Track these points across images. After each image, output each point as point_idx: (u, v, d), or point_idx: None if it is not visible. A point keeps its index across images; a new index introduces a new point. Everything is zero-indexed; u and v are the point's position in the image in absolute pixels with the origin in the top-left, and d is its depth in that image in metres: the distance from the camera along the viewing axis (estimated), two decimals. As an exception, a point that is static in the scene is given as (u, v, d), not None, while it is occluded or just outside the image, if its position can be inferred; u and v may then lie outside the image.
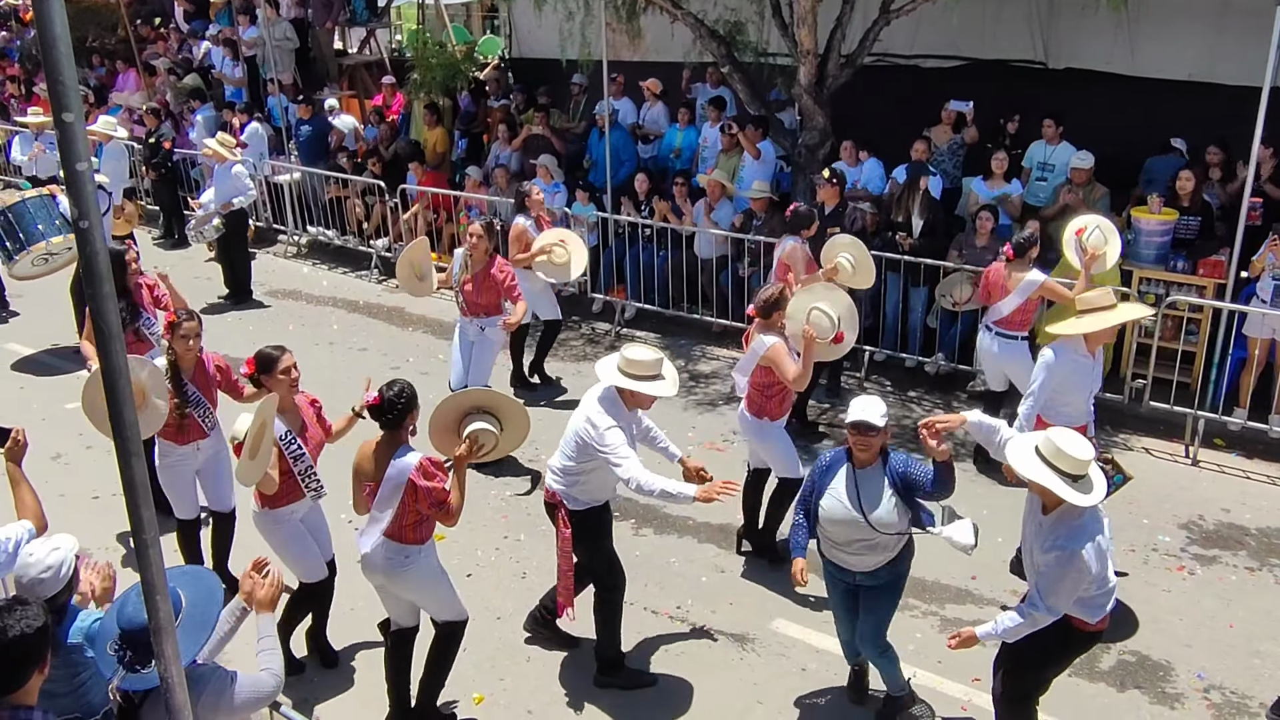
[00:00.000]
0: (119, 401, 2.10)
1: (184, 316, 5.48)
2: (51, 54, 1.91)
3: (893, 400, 8.37)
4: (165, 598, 2.31)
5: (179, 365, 5.50)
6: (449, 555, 5.29)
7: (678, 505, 6.05)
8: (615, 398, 4.95)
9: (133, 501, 2.18)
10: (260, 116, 12.97)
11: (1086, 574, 3.91)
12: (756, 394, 5.90)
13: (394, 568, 4.58)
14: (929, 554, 6.19)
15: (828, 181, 8.19)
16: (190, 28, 15.54)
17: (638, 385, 4.86)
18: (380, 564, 4.58)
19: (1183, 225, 8.06)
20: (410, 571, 4.61)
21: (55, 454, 7.67)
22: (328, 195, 12.15)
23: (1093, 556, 3.90)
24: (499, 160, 11.28)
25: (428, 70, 12.43)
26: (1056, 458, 3.88)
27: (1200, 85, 8.85)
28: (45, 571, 3.42)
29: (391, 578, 4.63)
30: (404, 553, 4.56)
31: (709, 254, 9.66)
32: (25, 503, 4.16)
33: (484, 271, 7.28)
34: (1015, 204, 8.78)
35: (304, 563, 5.14)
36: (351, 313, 10.63)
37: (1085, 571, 3.90)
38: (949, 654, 5.37)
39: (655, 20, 10.45)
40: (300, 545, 5.10)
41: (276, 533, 5.06)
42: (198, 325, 5.54)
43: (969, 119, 9.59)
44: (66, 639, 3.43)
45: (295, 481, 4.94)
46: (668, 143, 10.94)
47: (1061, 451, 3.87)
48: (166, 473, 5.64)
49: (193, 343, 5.49)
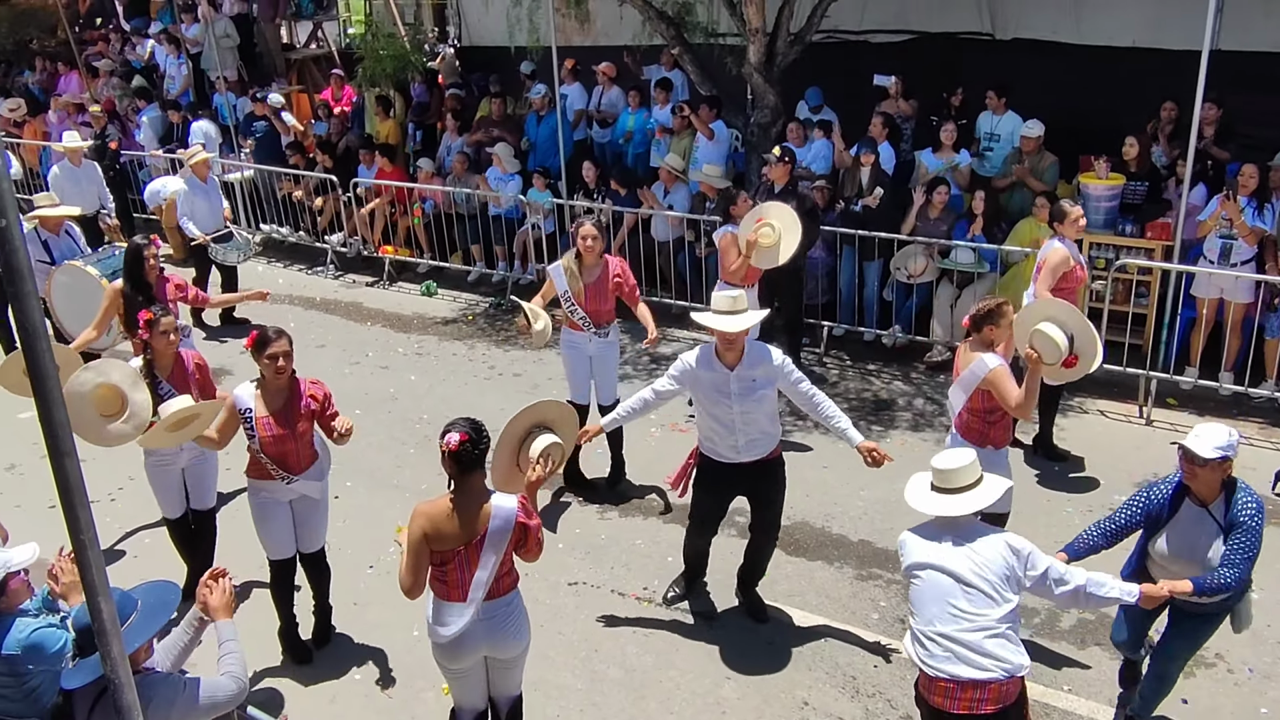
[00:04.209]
0: (49, 403, 2.07)
1: (160, 313, 5.37)
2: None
3: (852, 374, 8.44)
4: (108, 599, 2.28)
5: (155, 363, 5.39)
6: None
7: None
8: (711, 345, 5.09)
9: (68, 502, 2.16)
10: (207, 114, 12.78)
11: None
12: (977, 420, 5.20)
13: (500, 626, 4.03)
14: (891, 522, 6.28)
15: (779, 160, 8.19)
16: (132, 26, 15.26)
17: (704, 318, 5.04)
18: (484, 633, 4.00)
19: (1130, 190, 8.17)
20: (515, 617, 4.09)
21: (10, 464, 7.56)
22: (282, 192, 12.01)
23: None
24: (453, 149, 11.20)
25: (377, 62, 12.30)
26: None
27: (1145, 51, 8.95)
28: None
29: (499, 640, 4.07)
30: (505, 603, 4.05)
31: (665, 236, 9.67)
32: None
33: (602, 276, 6.53)
34: (964, 174, 8.86)
35: (265, 538, 5.22)
36: (308, 309, 10.54)
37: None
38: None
39: (604, 3, 10.40)
40: (263, 520, 5.16)
41: (251, 502, 5.17)
42: (175, 321, 5.48)
43: (893, 92, 9.64)
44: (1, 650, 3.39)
45: (259, 462, 5.01)
46: (620, 126, 10.91)
47: None
48: (151, 470, 5.62)
49: (172, 338, 5.41)
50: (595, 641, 5.45)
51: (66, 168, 10.32)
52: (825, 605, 5.66)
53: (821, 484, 6.82)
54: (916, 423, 7.62)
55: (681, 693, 5.09)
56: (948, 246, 8.29)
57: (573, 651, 5.37)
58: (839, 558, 6.07)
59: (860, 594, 5.75)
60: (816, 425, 7.44)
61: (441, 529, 3.85)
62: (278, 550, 5.25)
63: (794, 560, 6.07)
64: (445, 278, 11.04)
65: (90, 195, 10.40)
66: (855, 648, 5.31)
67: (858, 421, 7.59)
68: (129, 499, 6.88)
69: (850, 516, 6.45)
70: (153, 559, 6.24)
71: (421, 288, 10.90)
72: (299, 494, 5.14)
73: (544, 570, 5.63)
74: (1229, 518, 4.08)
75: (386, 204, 11.15)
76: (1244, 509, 4.06)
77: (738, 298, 5.00)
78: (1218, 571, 4.03)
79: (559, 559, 6.05)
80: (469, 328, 9.87)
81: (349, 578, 5.74)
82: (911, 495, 3.98)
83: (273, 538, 5.21)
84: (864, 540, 6.22)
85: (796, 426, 7.42)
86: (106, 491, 6.93)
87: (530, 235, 10.23)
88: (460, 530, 3.86)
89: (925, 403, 7.92)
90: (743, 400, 4.99)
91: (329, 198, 11.52)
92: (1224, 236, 7.46)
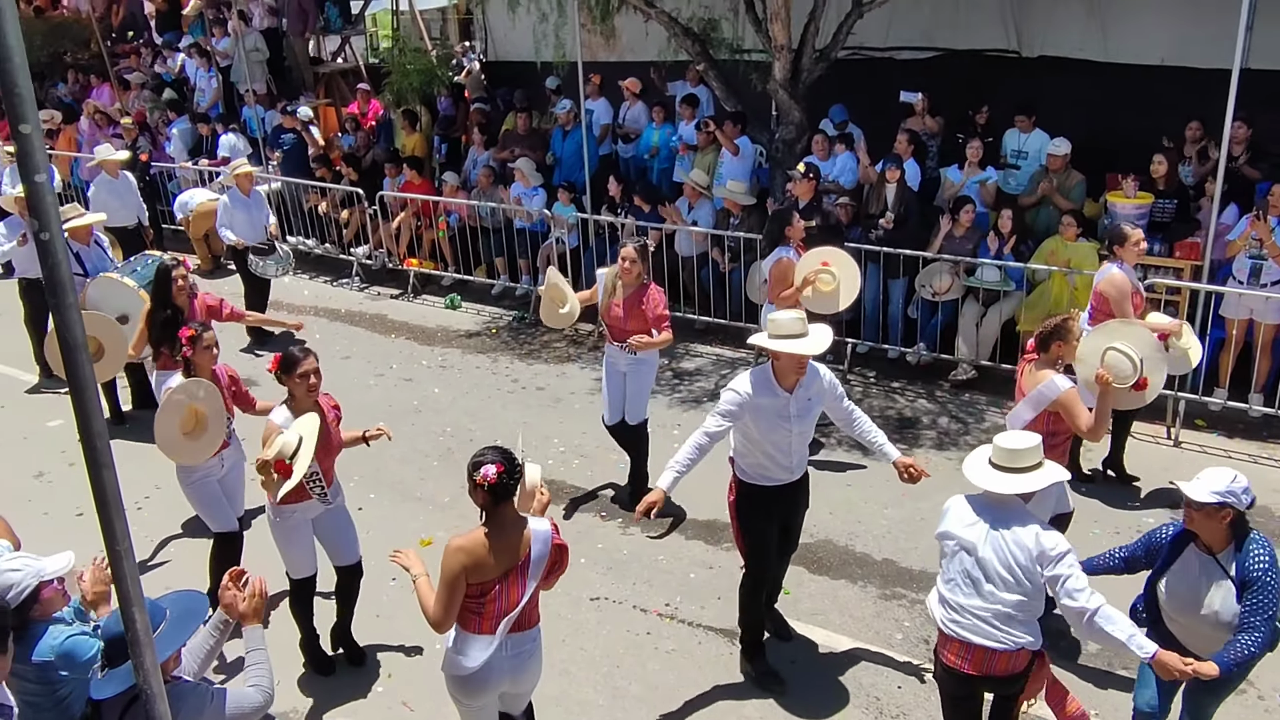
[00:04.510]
0: (87, 413, 2.09)
1: (202, 328, 5.43)
2: (6, 67, 1.90)
3: (876, 391, 8.41)
4: (143, 610, 2.30)
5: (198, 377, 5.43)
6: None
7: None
8: (766, 369, 4.80)
9: (104, 512, 2.18)
10: (236, 127, 12.92)
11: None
12: None
13: (525, 661, 3.98)
14: (915, 541, 6.25)
15: (803, 176, 8.20)
16: (164, 39, 15.47)
17: (775, 344, 4.65)
18: (509, 668, 3.93)
19: (1158, 208, 8.12)
20: (539, 652, 4.06)
21: (38, 472, 7.63)
22: (308, 204, 12.11)
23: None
24: (478, 163, 11.27)
25: (404, 76, 12.41)
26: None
27: (1173, 69, 8.91)
28: None
29: (521, 675, 4.02)
30: (530, 637, 3.99)
31: (689, 251, 9.68)
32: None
33: (635, 296, 6.50)
34: (990, 191, 8.83)
35: (290, 558, 5.19)
36: (333, 321, 10.60)
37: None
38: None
39: (630, 20, 10.46)
40: (290, 542, 5.14)
41: (278, 527, 5.11)
42: (215, 335, 5.54)
43: (918, 109, 9.62)
44: (31, 657, 3.43)
45: (300, 485, 4.94)
46: (645, 141, 10.95)
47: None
48: (196, 489, 5.58)
49: (215, 352, 5.48)
50: (617, 657, 5.43)
51: (105, 180, 10.40)
52: (849, 624, 5.62)
53: (845, 502, 6.78)
54: (941, 441, 7.58)
55: (703, 711, 5.06)
56: (973, 264, 8.26)
57: (594, 667, 5.36)
58: (862, 576, 6.03)
59: (884, 613, 5.71)
60: (840, 442, 7.44)
61: (482, 561, 3.76)
62: (307, 568, 5.24)
63: (817, 579, 6.03)
64: (469, 291, 11.10)
65: (131, 207, 10.54)
66: (879, 667, 5.27)
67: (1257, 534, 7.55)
68: (155, 507, 6.93)
69: (874, 535, 6.41)
70: (177, 567, 6.31)
71: (445, 301, 10.95)
72: (325, 509, 5.16)
73: (565, 585, 5.59)
74: (1240, 573, 3.77)
75: (412, 217, 11.23)
76: (1256, 563, 3.74)
77: (802, 317, 4.73)
78: (1238, 641, 3.72)
79: (581, 574, 6.04)
80: (492, 341, 9.91)
81: (371, 590, 5.75)
82: (969, 466, 4.03)
83: (305, 557, 5.20)
84: (888, 559, 6.18)
85: (820, 444, 7.39)
86: (133, 500, 6.98)
87: (554, 249, 10.26)
88: (501, 559, 3.79)
89: (950, 421, 7.87)
90: (801, 421, 4.84)
91: (355, 210, 11.61)
92: (1254, 257, 7.39)
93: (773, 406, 4.75)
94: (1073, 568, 3.77)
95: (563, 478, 7.21)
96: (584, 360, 9.29)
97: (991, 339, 8.29)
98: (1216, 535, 3.83)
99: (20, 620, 3.48)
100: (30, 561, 3.55)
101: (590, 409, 8.26)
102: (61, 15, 16.97)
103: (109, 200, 10.20)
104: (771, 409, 4.75)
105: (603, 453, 7.52)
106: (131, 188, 10.67)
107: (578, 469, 7.37)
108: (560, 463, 7.43)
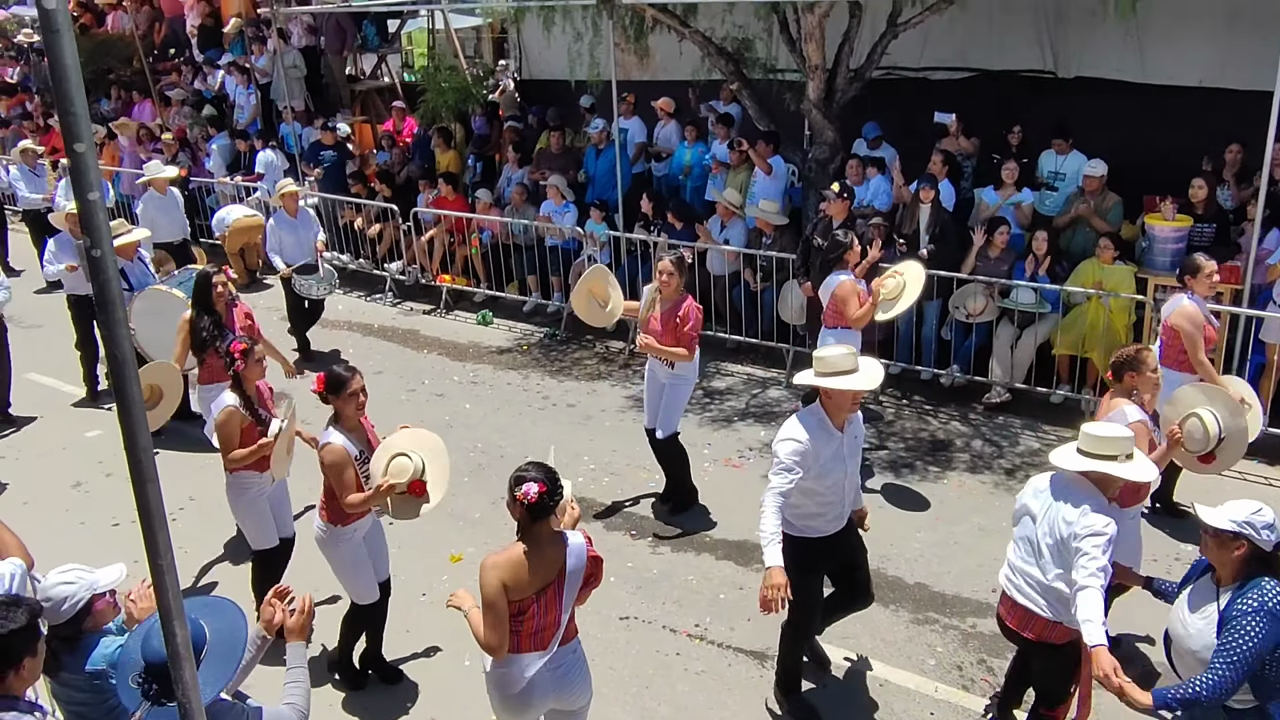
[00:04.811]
0: (134, 429, 2.11)
1: (252, 341, 5.47)
2: (63, 86, 1.93)
3: (908, 413, 8.35)
4: (183, 624, 2.31)
5: (249, 391, 5.45)
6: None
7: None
8: (815, 410, 4.57)
9: (148, 527, 2.19)
10: (274, 144, 13.10)
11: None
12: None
13: (567, 674, 3.94)
14: (948, 566, 6.18)
15: (838, 196, 8.18)
16: (205, 57, 15.74)
17: (829, 381, 4.46)
18: (551, 683, 3.89)
19: (1196, 232, 8.02)
20: (580, 665, 4.01)
21: (75, 482, 7.72)
22: (343, 219, 12.24)
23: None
24: (512, 181, 11.35)
25: (439, 94, 12.54)
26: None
27: (1212, 91, 8.83)
28: (46, 601, 3.52)
29: (566, 690, 3.96)
30: (569, 650, 3.96)
31: (721, 270, 9.68)
32: (5, 542, 4.21)
33: (672, 309, 6.53)
34: (1026, 212, 8.77)
35: (358, 583, 5.13)
36: (366, 336, 10.69)
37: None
38: (970, 666, 5.36)
39: (664, 39, 10.52)
40: (358, 565, 5.10)
41: (338, 551, 5.03)
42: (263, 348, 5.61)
43: (952, 130, 9.58)
44: (85, 667, 3.47)
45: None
46: (678, 160, 10.99)
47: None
48: (249, 505, 5.57)
49: (264, 365, 5.54)
50: (646, 678, 5.41)
51: (154, 197, 10.53)
52: (880, 649, 5.57)
53: (877, 524, 6.65)
54: (974, 464, 7.51)
55: (733, 733, 5.03)
56: (1008, 286, 8.20)
57: (623, 687, 5.34)
58: (894, 600, 5.97)
59: (916, 638, 5.65)
60: (870, 465, 7.39)
61: (519, 577, 3.73)
62: (373, 591, 5.19)
63: (848, 601, 5.98)
64: (501, 307, 11.16)
65: (178, 223, 10.70)
66: (911, 693, 5.21)
67: (914, 461, 7.54)
68: (189, 519, 6.99)
69: (906, 559, 6.35)
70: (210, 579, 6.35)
71: (477, 317, 11.01)
72: (373, 522, 5.17)
73: (595, 604, 5.59)
74: (1226, 609, 3.56)
75: (445, 233, 11.31)
76: (1245, 603, 3.48)
77: (853, 351, 4.57)
78: (1193, 679, 3.52)
79: (610, 592, 6.02)
80: (523, 357, 9.95)
81: (402, 606, 5.76)
82: (1056, 452, 4.20)
83: (370, 578, 5.16)
84: (920, 583, 6.12)
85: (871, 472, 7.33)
86: (167, 512, 7.04)
87: (586, 267, 10.29)
88: (538, 575, 3.75)
89: (983, 444, 7.80)
90: (852, 460, 4.68)
91: (386, 225, 11.73)
92: (1295, 281, 7.29)
93: (831, 449, 4.54)
94: (1097, 549, 3.81)
95: (592, 495, 7.21)
96: (614, 378, 9.30)
97: (1026, 361, 8.21)
98: (1227, 567, 3.66)
99: (74, 631, 3.54)
100: (84, 574, 3.60)
101: (620, 426, 8.27)
102: (106, 33, 17.33)
103: (157, 216, 10.37)
104: (831, 453, 4.54)
105: (632, 470, 7.52)
106: (178, 204, 10.84)
107: (607, 486, 7.36)
108: (590, 480, 7.43)
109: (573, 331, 10.34)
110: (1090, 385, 7.97)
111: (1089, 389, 7.97)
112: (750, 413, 8.49)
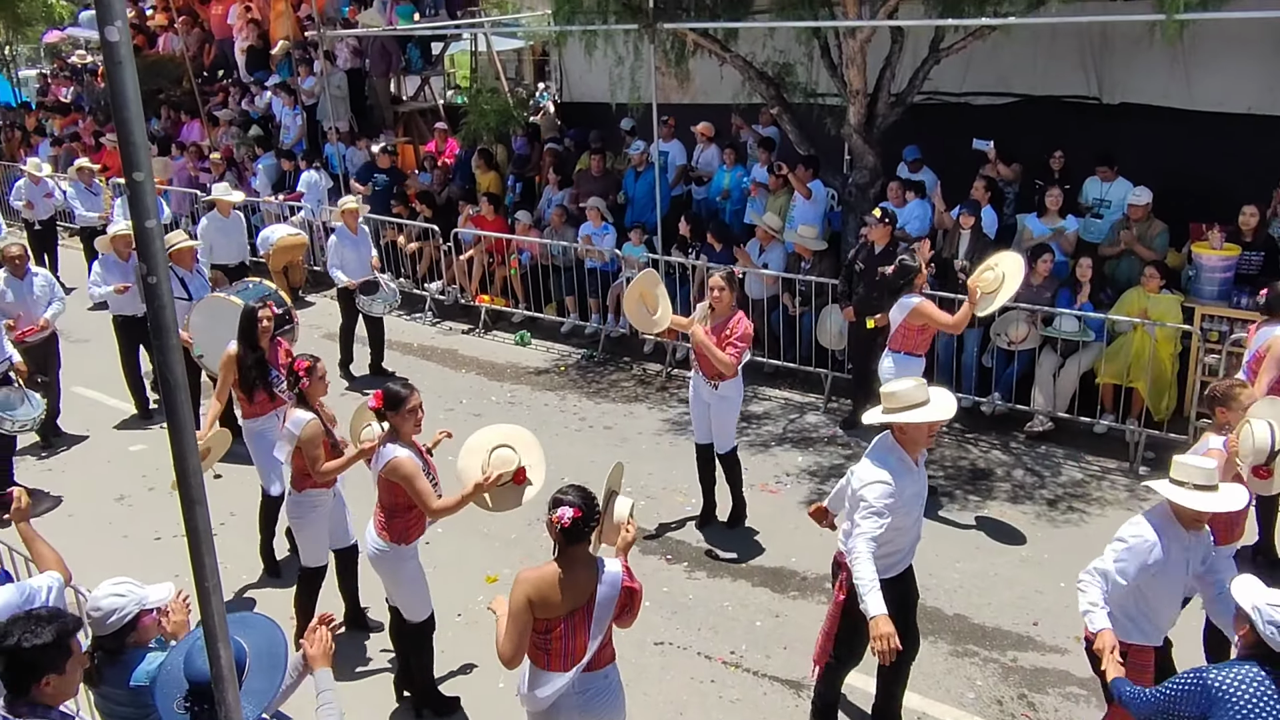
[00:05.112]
0: (184, 451, 2.14)
1: (314, 359, 5.50)
2: (123, 115, 1.97)
3: (948, 441, 8.25)
4: (227, 645, 2.33)
5: (317, 411, 5.47)
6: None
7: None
8: (891, 447, 4.42)
9: (195, 548, 2.22)
10: (319, 164, 13.30)
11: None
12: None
13: (594, 700, 3.93)
14: (988, 597, 6.09)
15: (879, 221, 8.14)
16: (253, 78, 16.03)
17: (904, 416, 4.34)
18: (578, 708, 3.89)
19: (1245, 261, 7.89)
20: (612, 692, 3.99)
21: (119, 495, 7.84)
22: (385, 239, 12.38)
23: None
24: (552, 202, 11.43)
25: (480, 116, 12.67)
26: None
27: (1260, 118, 8.70)
28: (95, 611, 3.57)
29: (592, 713, 3.94)
30: (601, 676, 3.94)
31: (759, 294, 9.67)
32: (44, 556, 4.26)
33: (723, 324, 6.51)
34: (1070, 240, 8.67)
35: (417, 600, 5.14)
36: (405, 354, 10.77)
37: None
38: (1010, 701, 5.26)
39: (704, 63, 10.56)
40: (418, 583, 5.11)
41: (403, 568, 5.02)
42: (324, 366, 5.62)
43: (990, 157, 9.49)
44: (129, 682, 3.51)
45: (423, 516, 4.98)
46: (717, 184, 11.01)
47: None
48: (313, 523, 5.57)
49: (328, 382, 5.58)
50: (680, 704, 5.37)
51: (216, 219, 10.59)
52: (918, 681, 5.47)
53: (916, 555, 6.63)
54: (1015, 494, 7.40)
55: (768, 763, 4.98)
56: (1051, 314, 8.10)
57: (657, 713, 5.30)
58: (933, 632, 5.88)
59: (955, 671, 5.57)
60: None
61: (548, 596, 3.74)
62: (427, 606, 5.19)
63: (886, 631, 5.91)
64: (539, 328, 11.21)
65: (237, 246, 10.74)
66: (950, 727, 5.14)
67: (953, 490, 7.45)
68: (228, 534, 7.06)
69: (945, 590, 6.27)
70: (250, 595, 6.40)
71: (515, 337, 11.07)
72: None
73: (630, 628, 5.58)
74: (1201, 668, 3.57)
75: (484, 254, 11.40)
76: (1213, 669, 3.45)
77: (922, 383, 4.45)
78: (1141, 690, 3.71)
79: (645, 617, 5.95)
80: (561, 379, 9.97)
81: (438, 626, 5.76)
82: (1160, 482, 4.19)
83: (427, 594, 5.17)
84: (959, 615, 6.03)
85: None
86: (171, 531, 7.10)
87: (624, 289, 10.31)
88: (568, 597, 3.75)
89: (1025, 474, 7.69)
90: (926, 495, 4.58)
91: (426, 245, 11.83)
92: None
93: (914, 488, 4.41)
94: (1111, 559, 4.08)
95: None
96: (651, 400, 9.30)
97: (1069, 390, 8.10)
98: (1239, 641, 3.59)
99: (117, 645, 3.58)
100: (135, 589, 3.64)
101: (656, 450, 8.25)
102: (157, 54, 17.71)
103: (218, 238, 10.47)
104: (914, 491, 4.41)
105: (668, 494, 7.49)
106: (241, 228, 10.90)
107: (644, 510, 7.34)
108: (626, 503, 7.41)
109: (610, 353, 10.36)
110: (1135, 415, 7.84)
111: (1133, 419, 7.84)
112: (788, 438, 8.45)
